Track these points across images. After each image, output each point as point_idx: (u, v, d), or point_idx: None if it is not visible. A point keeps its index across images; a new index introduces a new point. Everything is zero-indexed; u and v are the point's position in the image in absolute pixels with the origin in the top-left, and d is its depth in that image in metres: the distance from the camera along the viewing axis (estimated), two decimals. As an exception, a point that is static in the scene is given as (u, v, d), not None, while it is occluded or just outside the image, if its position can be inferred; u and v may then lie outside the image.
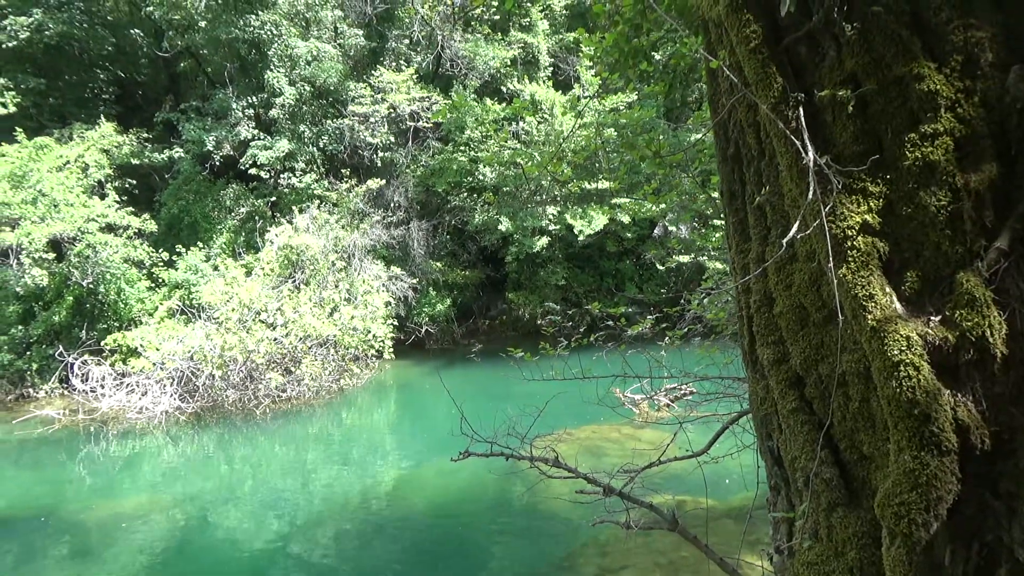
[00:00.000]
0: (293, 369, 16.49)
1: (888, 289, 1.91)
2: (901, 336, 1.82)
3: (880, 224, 1.95)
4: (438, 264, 22.85)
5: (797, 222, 2.07)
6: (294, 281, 18.12)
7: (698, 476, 5.22)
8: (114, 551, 9.11)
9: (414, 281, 21.37)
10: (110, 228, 17.42)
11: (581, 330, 5.19)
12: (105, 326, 17.33)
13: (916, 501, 1.74)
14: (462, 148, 21.91)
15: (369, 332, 18.16)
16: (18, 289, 16.78)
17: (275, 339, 16.24)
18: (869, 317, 1.87)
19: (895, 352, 1.81)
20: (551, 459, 4.27)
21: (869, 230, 1.95)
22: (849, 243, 1.95)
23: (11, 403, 16.53)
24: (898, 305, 1.89)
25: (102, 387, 15.96)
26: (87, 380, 16.16)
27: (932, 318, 1.86)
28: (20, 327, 17.15)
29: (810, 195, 1.99)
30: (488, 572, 8.09)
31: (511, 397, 4.88)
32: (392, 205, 22.62)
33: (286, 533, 9.63)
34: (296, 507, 10.68)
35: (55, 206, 16.46)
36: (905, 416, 1.79)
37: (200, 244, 19.28)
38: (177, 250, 18.58)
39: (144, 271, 18.42)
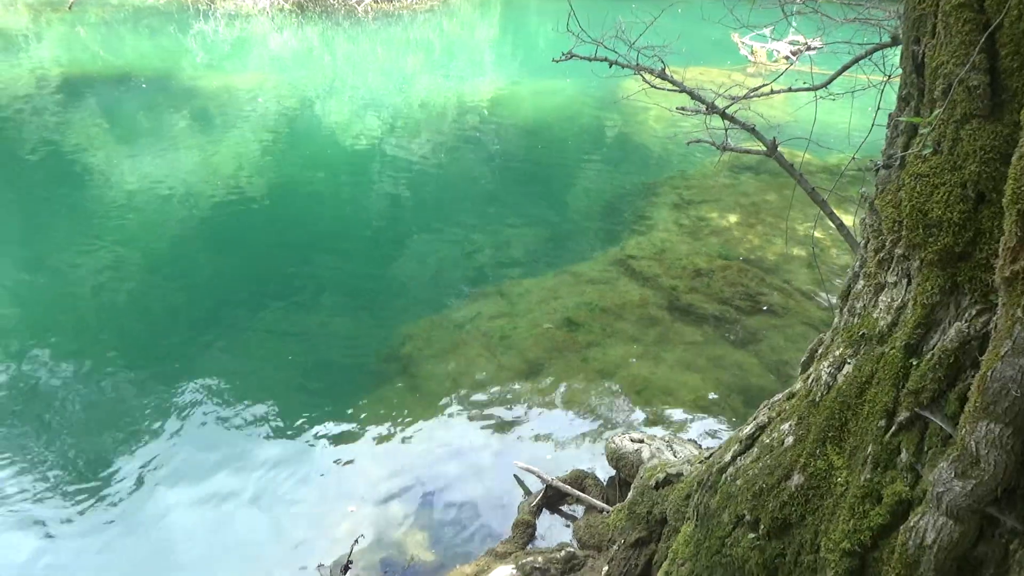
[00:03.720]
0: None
1: None
2: None
3: None
4: None
5: None
6: None
7: (801, 130, 4.94)
8: (227, 120, 9.78)
9: None
10: None
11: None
12: None
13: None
14: None
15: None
16: None
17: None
18: None
19: None
20: (657, 70, 4.05)
21: None
22: None
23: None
24: None
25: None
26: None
27: None
28: None
29: None
30: (572, 191, 8.40)
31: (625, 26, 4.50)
32: None
33: (384, 132, 10.04)
34: (395, 110, 10.98)
35: None
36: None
37: None
38: None
39: None
